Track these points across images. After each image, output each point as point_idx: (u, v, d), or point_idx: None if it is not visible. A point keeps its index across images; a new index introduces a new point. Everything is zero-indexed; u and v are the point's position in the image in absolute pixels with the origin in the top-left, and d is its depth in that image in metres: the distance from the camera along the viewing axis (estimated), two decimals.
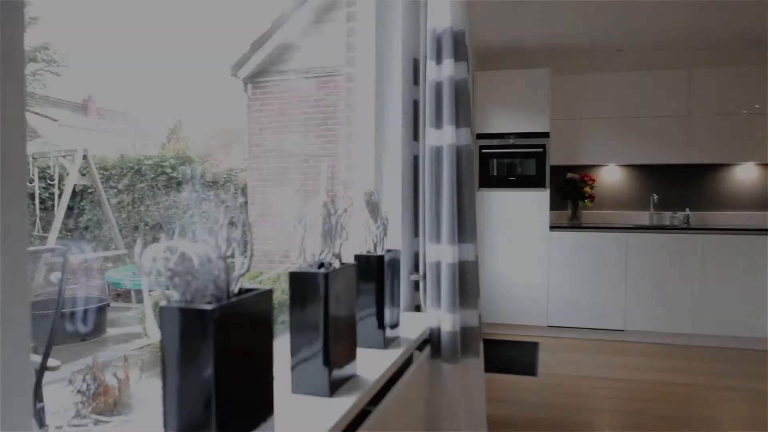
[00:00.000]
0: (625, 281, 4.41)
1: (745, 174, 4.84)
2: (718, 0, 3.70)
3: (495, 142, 4.68)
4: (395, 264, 1.81)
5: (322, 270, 1.27)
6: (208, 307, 0.85)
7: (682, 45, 4.78)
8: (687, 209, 4.89)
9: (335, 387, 1.30)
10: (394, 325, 1.82)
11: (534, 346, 4.25)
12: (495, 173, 4.69)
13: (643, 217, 4.96)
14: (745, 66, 4.55)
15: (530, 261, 4.56)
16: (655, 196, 4.88)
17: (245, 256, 1.00)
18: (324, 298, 1.26)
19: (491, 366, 3.66)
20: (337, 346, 1.31)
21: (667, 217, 4.91)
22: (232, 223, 1.01)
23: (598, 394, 3.25)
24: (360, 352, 1.63)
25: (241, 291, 0.98)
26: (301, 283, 1.27)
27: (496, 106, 4.67)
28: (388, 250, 1.77)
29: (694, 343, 4.33)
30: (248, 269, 1.00)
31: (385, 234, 1.76)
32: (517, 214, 4.60)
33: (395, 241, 2.21)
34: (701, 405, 3.06)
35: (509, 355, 3.99)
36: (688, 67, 4.72)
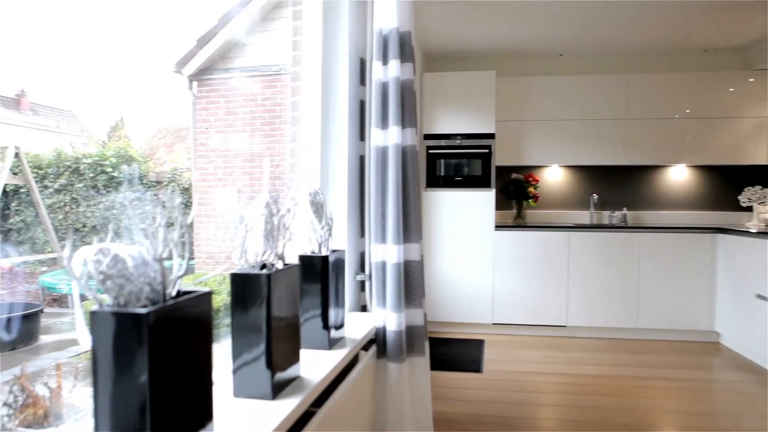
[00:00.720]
0: (567, 279, 4.55)
1: (677, 175, 5.09)
2: (649, 12, 3.88)
3: (442, 142, 4.75)
4: (340, 264, 1.80)
5: (265, 271, 1.25)
6: (143, 310, 0.82)
7: (619, 52, 4.98)
8: (624, 208, 5.09)
9: (278, 389, 1.28)
10: (339, 326, 1.82)
11: (479, 343, 4.33)
12: (442, 173, 4.75)
13: (584, 217, 5.14)
14: (677, 73, 4.78)
15: (476, 260, 4.65)
16: (595, 196, 5.06)
17: (183, 258, 0.98)
18: (266, 300, 1.24)
19: (437, 364, 3.72)
20: (280, 348, 1.30)
21: (606, 216, 5.11)
22: (170, 224, 0.99)
23: (541, 389, 3.34)
24: (304, 353, 1.62)
25: (179, 294, 0.96)
26: (242, 285, 1.25)
27: (443, 107, 4.74)
28: (333, 251, 1.77)
29: (632, 337, 4.52)
30: (186, 271, 0.98)
31: (330, 234, 1.75)
32: (464, 213, 4.68)
33: (341, 241, 2.21)
34: (639, 396, 3.19)
35: (455, 353, 4.05)
36: (625, 72, 4.92)
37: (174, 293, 0.94)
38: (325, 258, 1.67)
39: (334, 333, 1.75)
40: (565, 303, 4.55)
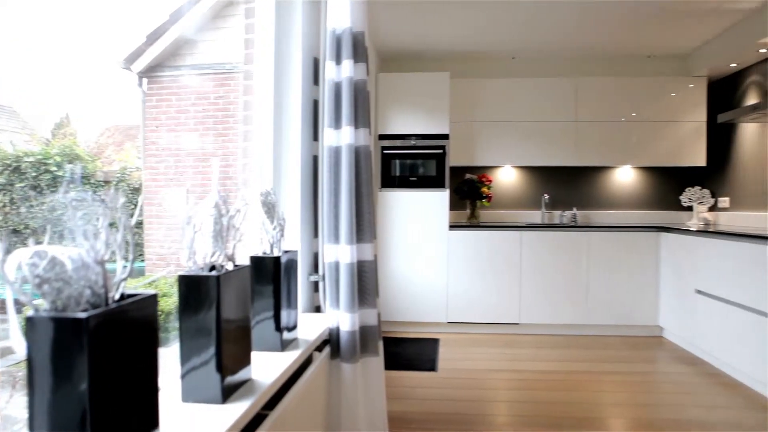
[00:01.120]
0: (519, 277, 4.65)
1: (624, 176, 5.27)
2: (597, 18, 4.00)
3: (397, 143, 4.77)
4: (292, 265, 1.79)
5: (214, 273, 1.23)
6: (82, 315, 0.79)
7: (569, 56, 5.12)
8: (574, 208, 5.24)
9: (228, 393, 1.26)
10: (292, 327, 1.80)
11: (434, 342, 4.38)
12: (397, 174, 4.78)
13: (536, 216, 5.26)
14: (624, 77, 4.95)
15: (430, 259, 4.70)
16: (546, 196, 5.19)
17: (127, 260, 0.95)
18: (216, 302, 1.22)
19: (392, 364, 3.74)
20: (230, 350, 1.28)
21: (557, 216, 5.24)
22: (113, 225, 0.96)
23: (495, 385, 3.40)
24: (256, 355, 1.60)
25: (123, 297, 0.93)
26: (190, 287, 1.22)
27: (398, 108, 4.76)
28: (286, 251, 1.75)
29: (582, 333, 4.66)
30: (131, 274, 0.95)
31: (282, 235, 1.74)
32: (418, 213, 4.71)
33: (294, 241, 2.19)
34: (588, 390, 3.29)
35: (410, 352, 4.07)
36: (575, 76, 5.06)
37: (117, 297, 0.92)
38: (277, 259, 1.65)
39: (286, 334, 1.73)
40: (518, 301, 4.65)
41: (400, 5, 3.84)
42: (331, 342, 2.10)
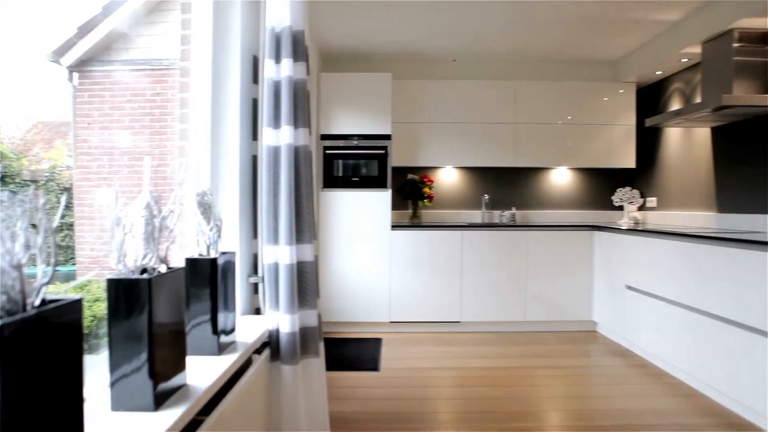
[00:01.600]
0: (460, 276, 4.73)
1: (560, 177, 5.46)
2: (534, 24, 4.13)
3: (339, 143, 4.76)
4: (230, 266, 1.75)
5: (145, 276, 1.19)
6: None
7: (508, 59, 5.26)
8: (513, 208, 5.38)
9: (161, 400, 1.22)
10: (230, 330, 1.77)
11: (377, 342, 4.39)
12: (339, 174, 4.77)
13: (476, 216, 5.37)
14: (560, 81, 5.13)
15: (373, 259, 4.71)
16: (486, 196, 5.30)
17: (49, 264, 0.90)
18: (148, 306, 1.18)
19: (335, 364, 3.72)
20: (163, 356, 1.24)
21: (496, 216, 5.37)
22: (35, 227, 0.91)
23: (437, 383, 3.45)
24: (192, 360, 1.56)
25: (45, 302, 0.88)
26: (120, 291, 1.18)
27: (341, 108, 4.75)
28: (223, 253, 1.71)
29: (521, 330, 4.79)
30: (52, 278, 0.91)
31: (219, 236, 1.70)
32: (361, 213, 4.72)
33: (232, 242, 2.15)
34: (526, 385, 3.39)
35: (353, 353, 4.07)
36: (514, 79, 5.20)
37: (38, 302, 0.87)
38: (214, 260, 1.62)
39: (224, 338, 1.70)
40: (459, 299, 4.73)
41: (342, 5, 3.83)
42: (270, 344, 2.07)
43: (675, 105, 4.75)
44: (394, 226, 4.73)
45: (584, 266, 4.76)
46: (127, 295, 1.17)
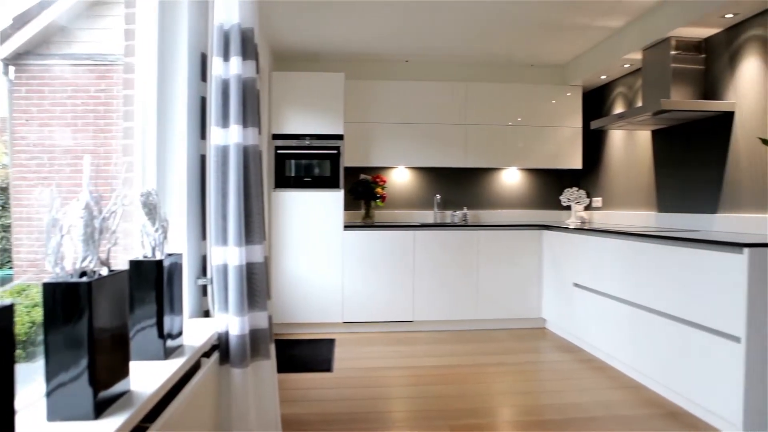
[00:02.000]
0: (413, 275, 4.76)
1: (510, 177, 5.57)
2: (484, 27, 4.20)
3: (291, 143, 4.71)
4: (177, 268, 1.71)
5: (85, 279, 1.15)
6: None
7: (459, 61, 5.33)
8: (465, 208, 5.46)
9: (102, 408, 1.18)
10: (177, 334, 1.72)
11: (330, 342, 4.38)
12: (292, 174, 4.72)
13: (428, 216, 5.42)
14: (510, 84, 5.23)
15: (325, 260, 4.69)
16: (438, 196, 5.36)
17: None
18: (87, 311, 1.13)
19: (287, 366, 3.69)
20: (104, 362, 1.19)
21: (448, 216, 5.43)
22: None
23: (390, 383, 3.46)
24: (136, 365, 1.52)
25: None
26: (58, 295, 1.13)
27: (293, 107, 4.71)
28: (169, 254, 1.67)
29: (472, 328, 4.86)
30: None
31: (165, 237, 1.65)
32: (313, 214, 4.69)
33: (179, 244, 2.09)
34: (478, 382, 3.44)
35: (306, 354, 4.04)
36: (465, 81, 5.28)
37: None
38: (159, 262, 1.57)
39: (170, 342, 1.65)
40: (412, 299, 4.76)
41: (294, 4, 3.80)
42: (220, 347, 2.03)
43: (618, 108, 4.92)
44: (347, 227, 4.72)
45: (534, 265, 4.88)
46: (65, 299, 1.12)
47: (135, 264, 1.56)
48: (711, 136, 3.67)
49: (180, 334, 1.76)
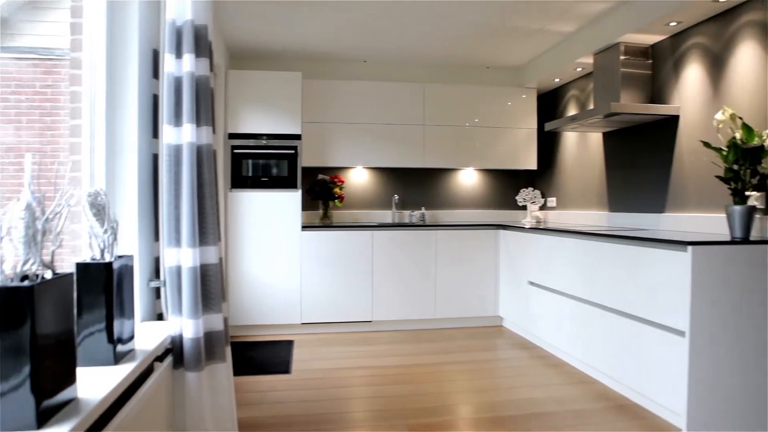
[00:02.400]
0: (371, 276, 4.77)
1: (468, 177, 5.64)
2: (441, 29, 4.24)
3: (248, 142, 4.65)
4: (127, 271, 1.66)
5: (26, 283, 1.10)
6: None
7: (418, 62, 5.36)
8: (423, 208, 5.50)
9: (46, 417, 1.14)
10: (128, 338, 1.67)
11: (288, 344, 4.33)
12: (249, 174, 4.65)
13: (387, 216, 5.43)
14: (467, 85, 5.30)
15: (283, 261, 4.64)
16: (397, 197, 5.38)
17: None
18: (29, 317, 1.09)
19: (245, 368, 3.64)
20: (48, 369, 1.15)
21: (406, 215, 5.46)
22: None
23: (348, 383, 3.45)
24: (85, 371, 1.47)
25: None
26: None
27: (250, 106, 4.64)
28: (119, 257, 1.62)
29: (430, 327, 4.90)
30: None
31: (115, 239, 1.61)
32: (270, 214, 4.63)
33: (131, 246, 2.03)
34: (436, 381, 3.47)
35: (263, 356, 3.99)
36: (423, 81, 5.32)
37: None
38: (109, 265, 1.52)
39: (121, 347, 1.60)
40: (370, 299, 4.77)
41: (250, 3, 3.74)
42: (173, 351, 1.98)
43: (571, 111, 5.05)
44: (305, 227, 4.69)
45: (490, 264, 4.95)
46: (5, 304, 1.08)
47: (82, 267, 1.50)
48: (658, 138, 3.81)
49: (131, 338, 1.71)
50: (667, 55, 3.73)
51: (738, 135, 2.80)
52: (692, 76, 3.49)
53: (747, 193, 2.81)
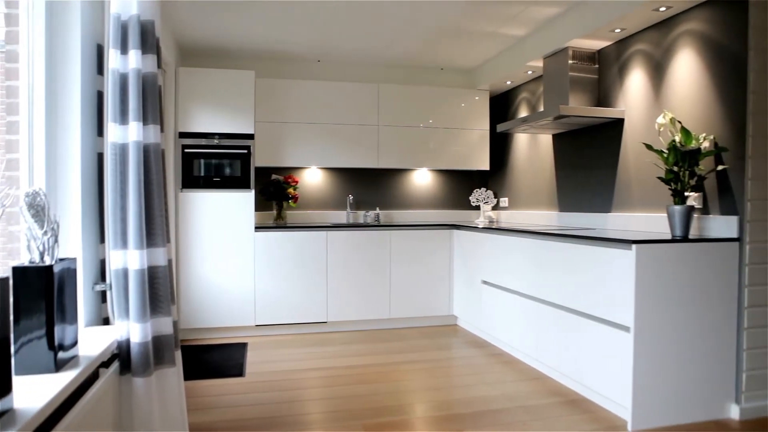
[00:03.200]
0: (326, 276, 4.74)
1: (422, 178, 5.68)
2: (395, 30, 4.26)
3: (200, 141, 4.55)
4: (69, 274, 1.60)
5: None
6: None
7: (372, 63, 5.37)
8: (377, 208, 5.51)
9: None
10: (71, 344, 1.61)
11: (242, 346, 4.27)
12: (201, 174, 4.55)
13: (341, 216, 5.41)
14: (421, 86, 5.34)
15: (237, 262, 4.57)
16: (351, 197, 5.37)
17: None
18: None
19: (197, 373, 3.56)
20: None
21: (361, 216, 5.46)
22: None
23: (303, 385, 3.42)
24: (23, 380, 1.41)
25: None
26: None
27: (201, 105, 4.54)
28: (61, 259, 1.56)
29: (386, 327, 4.91)
30: None
31: (56, 241, 1.54)
32: (223, 215, 4.55)
33: (74, 248, 1.96)
34: (391, 380, 3.48)
35: (217, 359, 3.92)
36: (377, 82, 5.33)
37: None
38: (49, 268, 1.46)
39: (62, 353, 1.54)
40: (325, 300, 4.74)
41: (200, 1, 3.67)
42: (120, 356, 1.92)
43: (523, 112, 5.16)
44: (258, 228, 4.62)
45: (444, 263, 5.01)
46: None
47: (20, 271, 1.44)
48: (605, 140, 3.94)
49: (74, 344, 1.65)
50: (613, 61, 3.86)
51: (677, 138, 2.92)
52: (636, 81, 3.62)
53: (686, 193, 2.94)
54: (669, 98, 3.33)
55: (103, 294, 2.15)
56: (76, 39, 2.04)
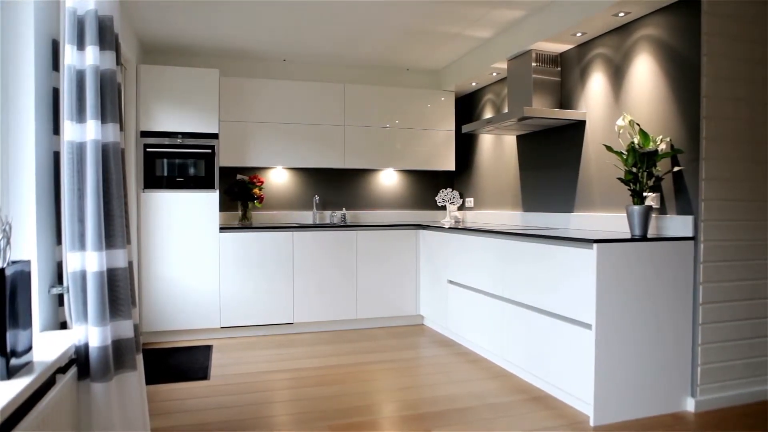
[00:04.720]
0: (292, 277, 4.71)
1: (388, 178, 5.69)
2: (361, 30, 4.26)
3: (163, 141, 4.46)
4: (24, 277, 1.54)
5: None
6: None
7: (338, 63, 5.35)
8: (344, 208, 5.50)
9: None
10: (24, 350, 1.56)
11: (207, 349, 4.20)
12: (164, 174, 4.46)
13: (308, 217, 5.38)
14: (387, 87, 5.35)
15: (201, 263, 4.49)
16: (317, 197, 5.35)
17: None
18: None
19: (161, 376, 3.49)
20: None
21: (327, 216, 5.44)
22: None
23: (270, 387, 3.39)
24: None
25: None
26: None
27: (163, 103, 4.45)
28: (14, 262, 1.51)
29: (352, 327, 4.91)
30: None
31: (9, 243, 1.49)
32: (187, 215, 4.47)
33: (28, 250, 1.89)
34: (358, 380, 3.47)
35: (181, 362, 3.84)
36: (343, 82, 5.31)
37: None
38: (1, 271, 1.41)
39: (15, 360, 1.49)
40: (291, 301, 4.71)
41: None
42: (78, 361, 1.87)
43: (488, 114, 5.23)
44: (223, 228, 4.56)
45: (411, 263, 5.03)
46: None
47: None
48: (567, 142, 4.02)
49: (28, 350, 1.59)
50: (575, 64, 3.94)
51: (636, 140, 3.00)
52: (597, 84, 3.70)
53: (645, 194, 3.02)
54: (628, 101, 3.42)
55: (60, 297, 2.09)
56: (29, 33, 1.96)
